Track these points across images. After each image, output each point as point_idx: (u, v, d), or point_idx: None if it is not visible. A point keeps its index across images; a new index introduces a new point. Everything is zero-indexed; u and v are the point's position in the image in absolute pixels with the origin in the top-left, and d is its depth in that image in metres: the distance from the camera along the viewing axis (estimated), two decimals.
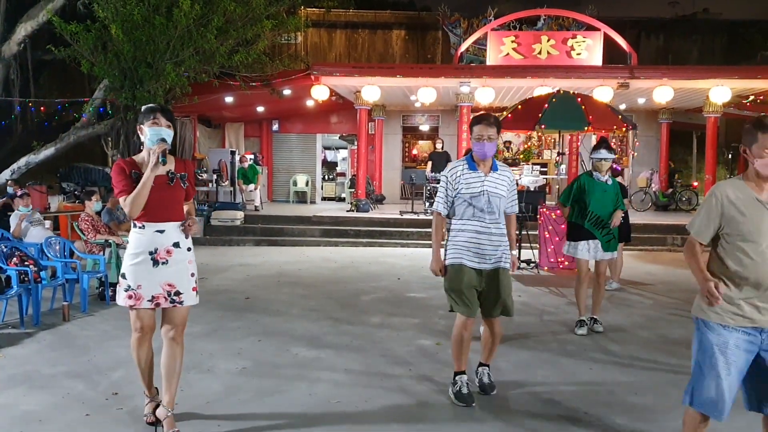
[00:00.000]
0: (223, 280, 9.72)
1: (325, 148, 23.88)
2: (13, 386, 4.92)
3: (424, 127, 21.13)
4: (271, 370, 5.44)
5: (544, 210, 11.31)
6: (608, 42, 16.12)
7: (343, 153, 23.96)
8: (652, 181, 18.52)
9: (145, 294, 3.93)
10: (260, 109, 18.68)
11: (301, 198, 20.76)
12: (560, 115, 10.41)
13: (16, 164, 13.49)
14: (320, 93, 15.44)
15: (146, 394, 4.29)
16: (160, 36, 12.00)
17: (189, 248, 4.11)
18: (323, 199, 21.80)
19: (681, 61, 22.46)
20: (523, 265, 11.05)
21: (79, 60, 12.49)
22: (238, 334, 6.58)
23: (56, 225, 12.30)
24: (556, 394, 4.93)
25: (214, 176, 17.01)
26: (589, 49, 15.83)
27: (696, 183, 19.88)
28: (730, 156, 21.74)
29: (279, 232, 14.65)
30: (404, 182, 19.15)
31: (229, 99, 16.13)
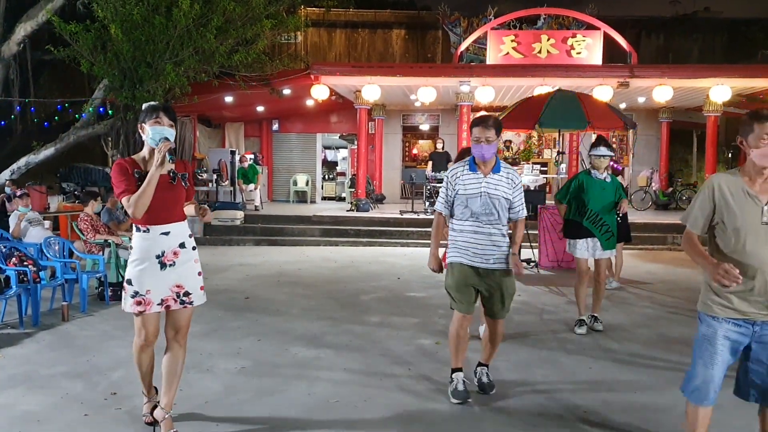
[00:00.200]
0: (223, 280, 9.72)
1: (325, 147, 23.88)
2: (13, 386, 4.91)
3: (425, 127, 21.13)
4: (270, 369, 5.44)
5: (545, 209, 11.31)
6: (608, 41, 16.12)
7: (344, 152, 23.95)
8: (653, 180, 18.52)
9: (155, 298, 3.85)
10: (260, 108, 18.69)
11: (302, 198, 20.76)
12: (560, 114, 10.38)
13: (15, 164, 13.49)
14: (320, 92, 15.43)
15: (145, 394, 4.26)
16: (160, 36, 11.99)
17: (194, 247, 4.07)
18: (323, 198, 21.79)
19: (681, 60, 22.45)
20: (523, 264, 11.02)
21: (78, 60, 12.48)
22: (237, 334, 6.58)
23: (56, 225, 12.30)
24: (555, 392, 4.93)
25: (214, 176, 17.02)
26: (589, 48, 15.83)
27: (696, 182, 19.88)
28: (730, 155, 21.72)
29: (279, 231, 14.64)
30: (404, 182, 19.17)
31: (228, 99, 16.14)
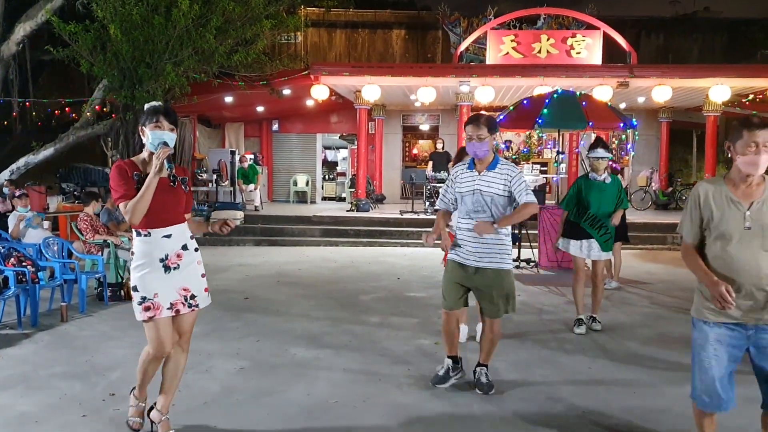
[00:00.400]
0: (223, 280, 9.70)
1: (326, 147, 23.87)
2: (10, 387, 4.90)
3: (425, 127, 21.12)
4: (269, 370, 5.43)
5: (544, 209, 11.29)
6: (608, 41, 16.12)
7: (344, 153, 23.94)
8: (652, 180, 18.51)
9: (164, 302, 3.75)
10: (260, 108, 18.69)
11: (302, 198, 20.75)
12: (559, 114, 10.38)
13: (15, 165, 13.49)
14: (320, 93, 15.41)
15: (136, 396, 4.12)
16: (159, 36, 12.00)
17: (196, 248, 4.01)
18: (323, 198, 21.78)
19: (681, 59, 22.44)
20: (522, 264, 11.04)
21: (78, 60, 12.49)
22: (236, 335, 6.57)
23: (55, 225, 12.29)
24: (554, 393, 4.92)
25: (214, 176, 17.01)
26: (588, 48, 15.83)
27: (696, 182, 19.84)
28: (730, 155, 21.66)
29: (279, 232, 14.63)
30: (404, 182, 19.16)
31: (228, 99, 16.15)
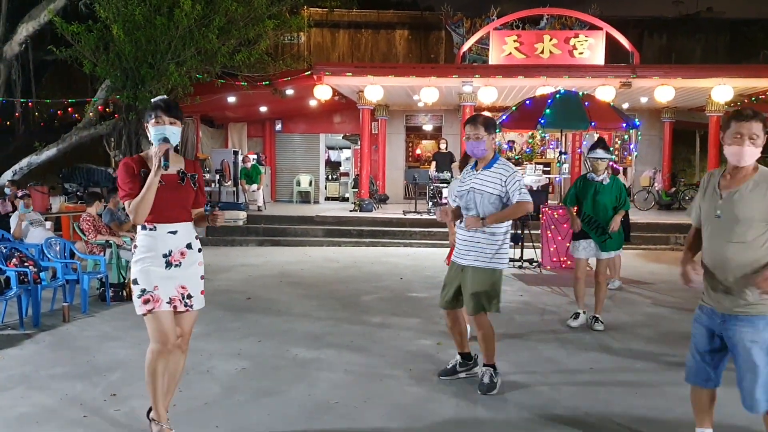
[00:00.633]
0: (225, 281, 9.70)
1: (329, 147, 23.88)
2: (11, 387, 4.90)
3: (428, 127, 21.11)
4: (270, 370, 5.42)
5: (547, 209, 11.29)
6: (611, 41, 16.10)
7: (347, 153, 23.94)
8: (655, 180, 18.47)
9: (163, 296, 3.70)
10: (263, 109, 18.69)
11: (305, 198, 20.75)
12: (562, 115, 10.37)
13: (17, 165, 13.52)
14: (323, 93, 15.41)
15: (155, 418, 3.85)
16: (162, 36, 12.02)
17: (199, 249, 3.94)
18: (327, 199, 21.77)
19: (684, 60, 22.41)
20: (525, 264, 11.02)
21: (80, 60, 12.50)
22: (238, 335, 6.56)
23: (58, 226, 12.31)
24: (556, 393, 4.91)
25: (217, 176, 17.02)
26: (591, 48, 15.81)
27: (699, 182, 19.78)
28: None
29: (282, 232, 14.62)
30: (407, 182, 19.15)
31: (231, 99, 16.15)
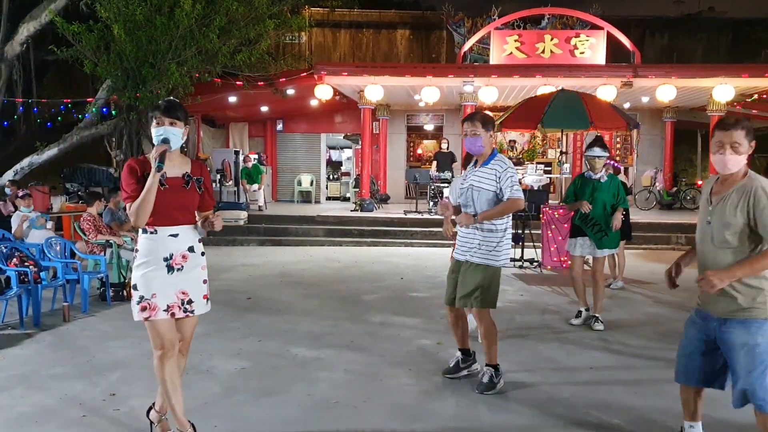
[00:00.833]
0: (226, 280, 9.70)
1: (330, 147, 23.87)
2: (11, 387, 4.90)
3: (429, 127, 21.11)
4: (270, 370, 5.42)
5: (547, 209, 11.28)
6: (612, 41, 16.09)
7: (348, 152, 23.94)
8: (657, 179, 18.45)
9: (161, 303, 3.63)
10: (264, 108, 18.69)
11: (306, 198, 20.76)
12: (562, 114, 10.36)
13: (18, 165, 13.53)
14: (324, 92, 15.41)
15: (177, 428, 3.80)
16: (163, 36, 12.03)
17: (203, 253, 3.86)
18: (328, 198, 21.77)
19: (686, 59, 22.36)
20: (526, 264, 11.02)
21: (81, 60, 12.51)
22: (238, 335, 6.56)
23: (59, 225, 12.31)
24: (555, 393, 4.90)
25: (218, 176, 17.02)
26: (592, 47, 15.80)
27: (700, 182, 19.76)
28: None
29: (283, 231, 14.62)
30: (408, 182, 19.14)
31: (232, 99, 16.15)
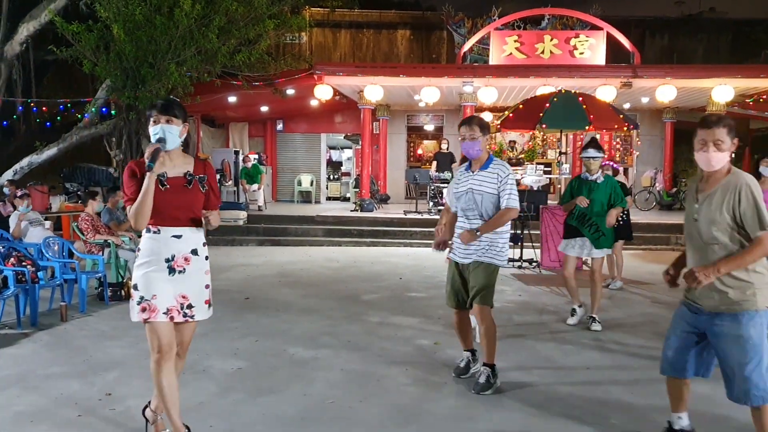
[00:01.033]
0: (224, 280, 9.70)
1: (330, 147, 23.86)
2: (7, 387, 4.90)
3: (429, 127, 21.11)
4: (266, 370, 5.42)
5: (547, 209, 11.27)
6: (612, 41, 16.07)
7: (348, 153, 23.93)
8: (656, 180, 18.43)
9: (160, 305, 3.55)
10: (264, 108, 18.68)
11: (306, 198, 20.76)
12: (562, 115, 10.37)
13: (18, 164, 13.52)
14: (323, 93, 15.39)
15: (148, 418, 3.85)
16: (162, 36, 12.02)
17: (206, 257, 3.81)
18: (328, 198, 21.76)
19: (686, 60, 22.36)
20: (525, 264, 11.01)
21: (81, 60, 12.51)
22: (235, 335, 6.56)
23: (58, 225, 12.32)
24: (552, 393, 4.90)
25: (218, 176, 17.01)
26: (592, 48, 15.79)
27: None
28: (733, 155, 21.57)
29: (282, 231, 14.61)
30: (408, 182, 19.14)
31: (232, 99, 16.13)
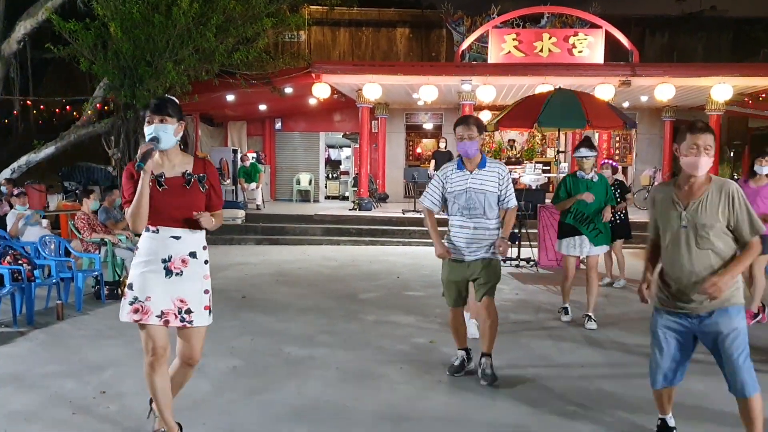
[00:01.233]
0: (221, 279, 9.69)
1: (329, 146, 23.85)
2: (2, 385, 4.91)
3: (428, 126, 21.09)
4: (262, 369, 5.42)
5: (544, 208, 11.26)
6: (611, 39, 16.07)
7: (347, 151, 23.93)
8: (655, 179, 18.40)
9: (154, 308, 3.47)
10: (263, 107, 18.65)
11: (305, 196, 20.74)
12: (559, 113, 10.35)
13: (16, 163, 13.52)
14: (321, 91, 15.36)
15: (164, 430, 3.74)
16: (160, 34, 12.01)
17: (206, 261, 3.73)
18: (327, 197, 21.75)
19: (686, 58, 22.30)
20: (522, 263, 11.00)
21: (78, 58, 12.50)
22: (231, 333, 6.55)
23: (57, 224, 12.31)
24: (547, 390, 4.91)
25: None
26: (590, 46, 15.79)
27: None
28: (732, 154, 21.59)
29: (280, 230, 14.60)
30: (407, 181, 19.13)
31: (230, 97, 16.11)
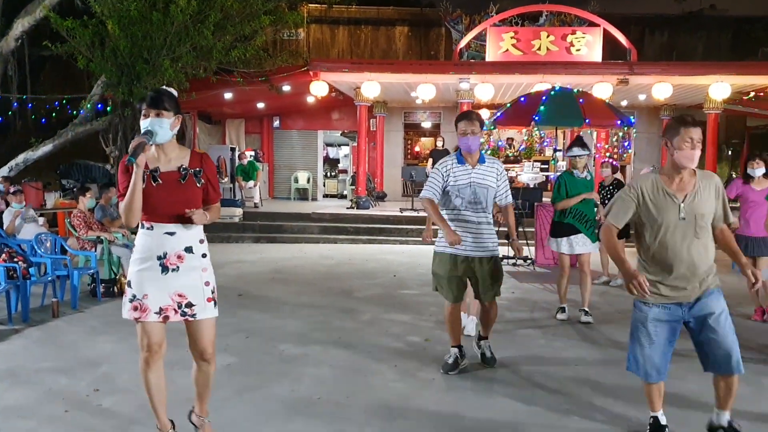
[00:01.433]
0: (218, 276, 9.43)
1: (327, 144, 23.83)
2: None
3: (426, 124, 21.08)
4: (255, 367, 5.43)
5: (541, 207, 11.27)
6: (609, 38, 16.05)
7: (345, 150, 23.92)
8: None
9: (152, 305, 3.47)
10: (261, 105, 18.64)
11: (303, 195, 20.74)
12: (556, 112, 10.36)
13: (13, 161, 13.51)
14: (319, 89, 15.32)
15: (157, 426, 3.72)
16: (157, 32, 12.00)
17: (204, 254, 3.71)
18: (325, 196, 21.74)
19: (686, 57, 22.29)
20: (519, 261, 11.00)
21: (76, 56, 12.49)
22: (226, 331, 6.52)
23: (54, 222, 12.31)
24: (540, 387, 4.92)
25: None
26: (588, 45, 15.77)
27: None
28: (730, 152, 21.58)
29: (278, 229, 14.60)
30: (405, 179, 19.12)
31: (228, 95, 16.09)
